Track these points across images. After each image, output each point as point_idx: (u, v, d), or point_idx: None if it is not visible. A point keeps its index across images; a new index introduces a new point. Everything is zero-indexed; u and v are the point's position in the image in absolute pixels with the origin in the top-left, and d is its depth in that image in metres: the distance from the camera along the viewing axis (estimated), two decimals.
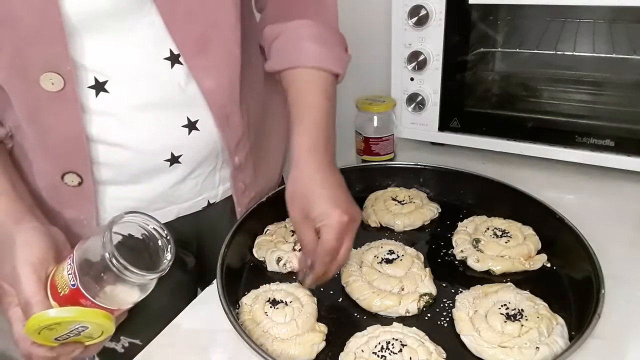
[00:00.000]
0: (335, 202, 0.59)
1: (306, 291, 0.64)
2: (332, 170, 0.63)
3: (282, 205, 0.80)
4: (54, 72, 0.55)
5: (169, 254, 0.52)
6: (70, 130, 0.59)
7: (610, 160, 0.86)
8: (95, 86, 0.58)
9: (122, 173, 0.65)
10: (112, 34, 0.57)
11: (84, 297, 0.49)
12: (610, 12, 0.95)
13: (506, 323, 0.57)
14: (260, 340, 0.58)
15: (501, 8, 0.97)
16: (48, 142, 0.60)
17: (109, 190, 0.66)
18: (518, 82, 1.03)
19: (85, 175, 0.63)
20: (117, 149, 0.63)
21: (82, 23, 0.54)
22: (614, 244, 0.71)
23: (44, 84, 0.55)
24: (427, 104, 0.96)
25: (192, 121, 0.65)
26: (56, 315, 0.49)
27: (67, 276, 0.50)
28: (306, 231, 0.61)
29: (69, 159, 0.62)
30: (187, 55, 0.61)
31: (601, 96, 0.98)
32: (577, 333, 0.56)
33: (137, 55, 0.60)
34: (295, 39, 0.69)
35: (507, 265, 0.68)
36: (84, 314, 0.49)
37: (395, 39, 0.94)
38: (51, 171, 0.63)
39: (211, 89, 0.64)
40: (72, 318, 0.49)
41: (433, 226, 0.80)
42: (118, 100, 0.60)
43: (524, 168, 0.94)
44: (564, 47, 0.95)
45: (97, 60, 0.58)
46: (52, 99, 0.56)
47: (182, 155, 0.67)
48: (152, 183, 0.68)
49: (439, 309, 0.63)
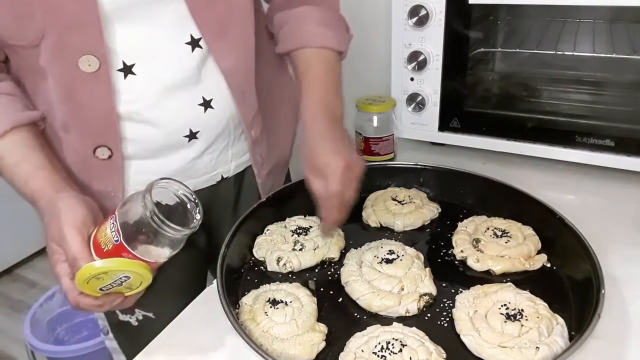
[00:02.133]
0: (337, 153, 0.66)
1: (306, 291, 0.65)
2: (336, 127, 0.70)
3: (282, 205, 0.81)
4: (92, 55, 0.61)
5: (198, 214, 0.59)
6: (103, 107, 0.65)
7: (610, 160, 0.86)
8: (123, 69, 0.64)
9: (146, 148, 0.71)
10: (139, 21, 0.63)
11: (126, 251, 0.56)
12: (610, 12, 0.95)
13: (506, 323, 0.57)
14: (260, 340, 0.58)
15: (501, 8, 0.97)
16: (82, 119, 0.67)
17: (133, 165, 0.72)
18: (518, 82, 1.03)
19: (115, 149, 0.69)
20: (142, 126, 0.68)
21: (114, 12, 0.60)
22: (614, 244, 0.71)
23: (82, 66, 0.61)
24: (427, 104, 0.96)
25: (207, 100, 0.71)
26: (103, 265, 0.55)
27: (110, 234, 0.56)
28: (317, 182, 0.67)
29: (101, 134, 0.68)
30: (209, 38, 0.67)
31: (601, 96, 0.98)
32: (577, 333, 0.56)
33: (161, 41, 0.65)
34: (301, 23, 0.76)
35: (507, 265, 0.68)
36: (127, 264, 0.56)
37: (395, 39, 0.94)
38: (83, 146, 0.69)
39: (229, 69, 0.71)
40: (117, 267, 0.56)
41: (433, 226, 0.80)
42: (144, 82, 0.66)
43: (524, 168, 0.94)
44: (564, 47, 0.95)
45: (126, 46, 0.63)
46: (88, 79, 0.62)
47: (200, 132, 0.72)
48: (173, 157, 0.73)
49: (439, 309, 0.63)
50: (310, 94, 0.73)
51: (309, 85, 0.73)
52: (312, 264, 0.72)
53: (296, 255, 0.71)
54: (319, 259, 0.72)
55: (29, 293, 2.15)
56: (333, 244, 0.73)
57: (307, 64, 0.75)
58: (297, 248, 0.72)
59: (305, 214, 0.80)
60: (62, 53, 0.61)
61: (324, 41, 0.75)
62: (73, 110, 0.66)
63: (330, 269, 0.72)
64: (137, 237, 0.56)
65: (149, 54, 0.65)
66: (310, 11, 0.77)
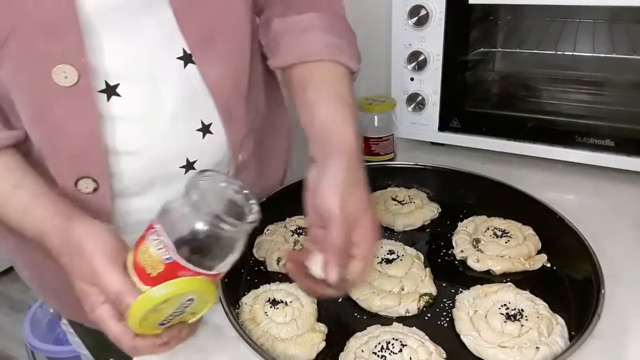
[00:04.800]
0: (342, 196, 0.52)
1: None
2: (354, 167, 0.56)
3: (282, 205, 0.80)
4: (68, 64, 0.51)
5: (253, 205, 0.49)
6: (83, 128, 0.55)
7: (610, 160, 0.86)
8: (106, 90, 0.55)
9: (135, 182, 0.61)
10: (123, 33, 0.54)
11: (183, 268, 0.45)
12: (610, 12, 0.95)
13: (506, 323, 0.57)
14: (260, 340, 0.58)
15: (501, 8, 0.98)
16: (58, 143, 0.56)
17: (120, 203, 0.62)
18: (518, 82, 1.03)
19: (102, 180, 0.58)
20: (130, 157, 0.59)
21: (96, 16, 0.51)
22: (614, 244, 0.71)
23: (57, 78, 0.51)
24: (427, 104, 0.96)
25: (206, 125, 0.62)
26: (163, 291, 0.45)
27: (156, 252, 0.45)
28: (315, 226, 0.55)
29: (82, 162, 0.57)
30: (194, 46, 0.58)
31: (601, 96, 0.98)
32: (577, 333, 0.55)
33: (149, 56, 0.57)
34: (305, 32, 0.63)
35: (507, 265, 0.68)
36: (191, 284, 0.46)
37: (395, 39, 0.94)
38: (63, 177, 0.58)
39: (215, 81, 0.61)
40: (181, 290, 0.45)
41: (433, 226, 0.79)
42: (130, 105, 0.56)
43: (524, 168, 0.94)
44: (564, 47, 0.95)
45: (109, 62, 0.54)
46: (64, 94, 0.52)
47: (197, 161, 0.64)
48: (167, 191, 0.63)
49: (439, 309, 0.63)
50: (322, 122, 0.58)
51: (319, 109, 0.59)
52: None
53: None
54: None
55: (29, 293, 2.12)
56: None
57: (315, 81, 0.61)
58: (297, 248, 0.72)
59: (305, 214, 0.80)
60: (32, 62, 0.51)
61: (336, 54, 0.61)
62: (47, 132, 0.55)
63: None
64: (194, 248, 0.46)
65: (136, 72, 0.56)
66: (317, 19, 0.64)
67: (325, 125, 0.58)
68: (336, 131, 0.58)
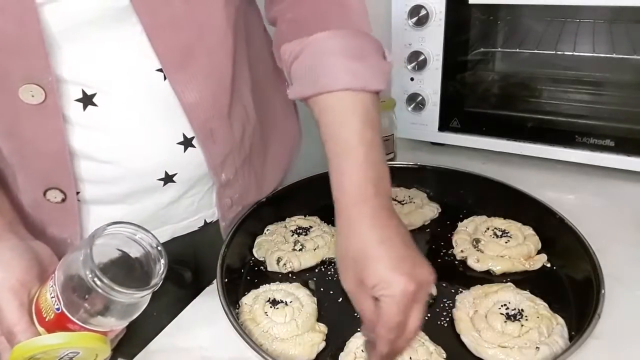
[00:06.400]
0: (397, 265, 0.47)
1: (306, 291, 0.65)
2: (390, 220, 0.51)
3: (282, 205, 0.80)
4: (34, 84, 0.51)
5: (161, 266, 0.47)
6: (51, 144, 0.55)
7: (610, 160, 0.86)
8: (82, 99, 0.55)
9: (111, 192, 0.62)
10: (97, 45, 0.53)
11: (71, 322, 0.44)
12: (610, 12, 0.95)
13: (506, 323, 0.57)
14: (260, 340, 0.58)
15: (501, 8, 0.97)
16: (28, 157, 0.57)
17: (95, 210, 0.63)
18: (518, 82, 1.03)
19: (69, 192, 0.59)
20: (106, 166, 0.59)
21: (65, 34, 0.51)
22: (614, 244, 0.71)
23: (23, 96, 0.51)
24: (427, 104, 0.96)
25: (188, 138, 0.61)
26: (40, 343, 0.44)
27: (50, 300, 0.45)
28: (363, 301, 0.49)
29: (51, 175, 0.58)
30: (168, 68, 0.56)
31: (601, 96, 0.98)
32: (577, 333, 0.55)
33: (127, 67, 0.56)
34: (321, 56, 0.56)
35: (507, 265, 0.68)
36: (72, 340, 0.44)
37: (395, 39, 0.94)
38: (33, 187, 0.59)
39: (191, 102, 0.59)
40: (60, 345, 0.44)
41: (433, 226, 0.79)
42: (107, 115, 0.56)
43: (524, 168, 0.94)
44: (564, 47, 0.95)
45: (84, 73, 0.54)
46: (32, 112, 0.52)
47: (177, 174, 0.63)
48: (144, 203, 0.64)
49: (439, 309, 0.63)
50: (344, 170, 0.52)
51: (340, 160, 0.53)
52: (312, 264, 0.71)
53: (296, 255, 0.71)
54: (319, 259, 0.72)
55: None
56: (333, 244, 0.73)
57: (332, 122, 0.55)
58: (297, 248, 0.72)
59: (305, 214, 0.80)
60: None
61: (355, 81, 0.54)
62: (16, 147, 0.56)
63: (330, 269, 0.71)
64: (84, 302, 0.44)
65: (114, 82, 0.55)
66: (334, 38, 0.56)
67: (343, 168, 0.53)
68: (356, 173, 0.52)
